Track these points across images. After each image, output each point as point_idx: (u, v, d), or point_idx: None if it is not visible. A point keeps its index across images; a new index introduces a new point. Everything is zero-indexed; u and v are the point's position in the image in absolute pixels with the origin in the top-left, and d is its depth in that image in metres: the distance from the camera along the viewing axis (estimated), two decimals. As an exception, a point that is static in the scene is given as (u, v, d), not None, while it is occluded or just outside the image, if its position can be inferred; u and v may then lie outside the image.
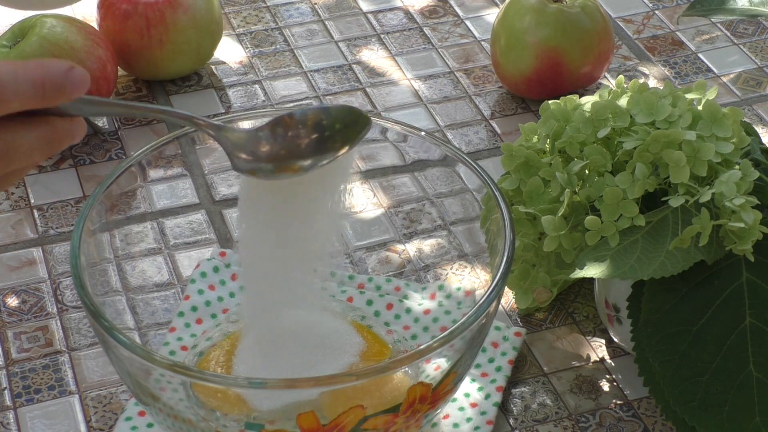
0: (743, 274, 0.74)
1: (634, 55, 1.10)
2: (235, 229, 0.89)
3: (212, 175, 0.90)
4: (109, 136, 1.01)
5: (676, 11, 1.16)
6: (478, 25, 1.15)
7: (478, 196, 0.77)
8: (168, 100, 1.05)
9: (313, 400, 0.66)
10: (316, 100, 1.05)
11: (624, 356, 0.82)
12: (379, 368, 0.65)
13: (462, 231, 0.82)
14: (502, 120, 1.03)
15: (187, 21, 1.02)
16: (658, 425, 0.78)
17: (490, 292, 0.68)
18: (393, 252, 0.85)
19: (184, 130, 0.78)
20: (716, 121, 0.75)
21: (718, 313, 0.73)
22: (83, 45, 0.97)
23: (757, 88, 1.07)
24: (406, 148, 0.81)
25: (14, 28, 0.98)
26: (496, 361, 0.80)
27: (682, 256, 0.72)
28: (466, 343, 0.68)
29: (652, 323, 0.73)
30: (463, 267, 0.82)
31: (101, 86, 0.98)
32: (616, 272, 0.72)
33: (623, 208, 0.74)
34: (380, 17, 1.15)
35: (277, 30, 1.14)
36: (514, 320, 0.85)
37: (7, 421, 0.77)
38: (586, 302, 0.86)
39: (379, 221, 0.86)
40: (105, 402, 0.79)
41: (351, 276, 0.84)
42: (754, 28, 1.14)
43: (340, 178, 0.69)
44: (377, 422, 0.66)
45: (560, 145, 0.78)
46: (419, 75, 1.08)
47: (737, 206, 0.71)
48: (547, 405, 0.79)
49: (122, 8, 1.02)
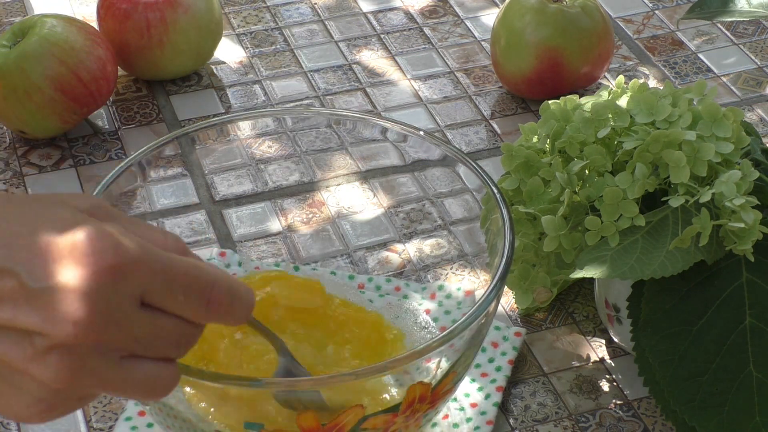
0: (743, 274, 0.74)
1: (634, 55, 1.10)
2: (235, 229, 0.89)
3: (212, 175, 0.90)
4: (109, 136, 1.01)
5: (676, 11, 1.16)
6: (478, 25, 1.15)
7: (478, 196, 0.77)
8: (168, 100, 1.05)
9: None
10: (316, 100, 1.05)
11: (624, 356, 0.82)
12: (379, 368, 0.65)
13: (462, 231, 0.82)
14: (502, 120, 1.03)
15: (187, 21, 1.02)
16: (658, 425, 0.78)
17: (489, 292, 0.68)
18: (393, 252, 0.85)
19: (184, 130, 0.78)
20: (716, 121, 0.75)
21: (718, 313, 0.73)
22: (83, 45, 0.97)
23: (757, 88, 1.07)
24: (406, 148, 0.81)
25: (14, 28, 0.98)
26: (496, 361, 0.80)
27: (682, 256, 0.72)
28: (465, 342, 0.68)
29: (652, 323, 0.73)
30: (463, 267, 0.82)
31: (101, 86, 0.98)
32: (616, 272, 0.72)
33: (623, 208, 0.74)
34: (380, 17, 1.15)
35: (277, 30, 1.14)
36: (514, 320, 0.85)
37: (7, 421, 0.77)
38: (586, 302, 0.86)
39: (379, 221, 0.86)
40: (105, 402, 0.79)
41: (351, 276, 0.84)
42: (754, 28, 1.14)
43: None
44: (377, 422, 0.66)
45: (560, 145, 0.78)
46: (419, 75, 1.08)
47: (737, 206, 0.71)
48: (547, 405, 0.79)
49: (122, 8, 1.02)
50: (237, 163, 0.88)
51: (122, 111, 1.04)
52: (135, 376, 0.54)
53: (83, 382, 0.53)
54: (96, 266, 0.52)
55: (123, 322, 0.53)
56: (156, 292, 0.54)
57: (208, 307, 0.56)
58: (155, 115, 1.03)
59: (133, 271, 0.53)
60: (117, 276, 0.52)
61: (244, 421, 0.67)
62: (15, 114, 0.96)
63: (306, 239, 0.86)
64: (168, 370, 0.56)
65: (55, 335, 0.51)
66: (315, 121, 0.82)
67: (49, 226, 0.53)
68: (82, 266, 0.52)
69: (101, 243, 0.52)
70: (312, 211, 0.87)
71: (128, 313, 0.53)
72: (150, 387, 0.55)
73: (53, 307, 0.51)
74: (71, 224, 0.53)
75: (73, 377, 0.52)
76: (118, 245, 0.52)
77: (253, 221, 0.89)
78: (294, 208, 0.87)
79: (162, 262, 0.54)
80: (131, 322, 0.53)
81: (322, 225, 0.87)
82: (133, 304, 0.53)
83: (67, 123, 0.98)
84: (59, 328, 0.51)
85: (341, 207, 0.86)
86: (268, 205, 0.89)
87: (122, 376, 0.54)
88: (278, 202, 0.89)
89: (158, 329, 0.54)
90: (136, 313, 0.53)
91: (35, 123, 0.97)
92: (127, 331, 0.53)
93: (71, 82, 0.96)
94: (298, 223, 0.87)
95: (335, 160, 0.85)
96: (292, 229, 0.87)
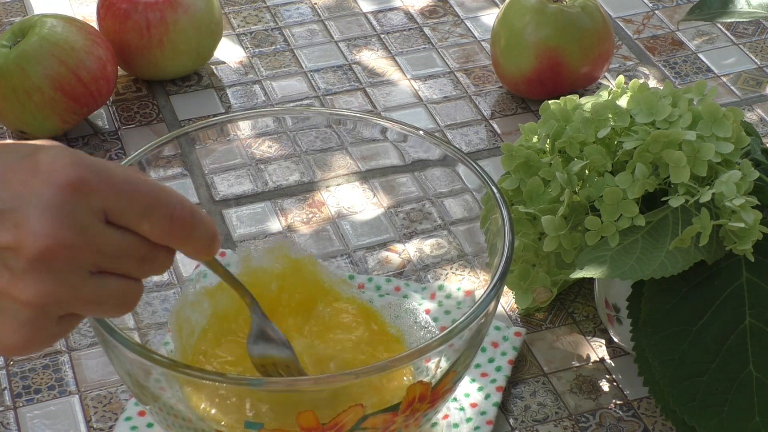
0: (743, 274, 0.74)
1: (634, 55, 1.10)
2: (235, 229, 0.89)
3: (212, 175, 0.90)
4: (109, 136, 1.01)
5: (676, 11, 1.16)
6: (478, 25, 1.15)
7: (478, 196, 0.77)
8: (168, 100, 1.05)
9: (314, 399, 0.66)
10: (316, 100, 1.05)
11: (624, 356, 0.82)
12: (379, 367, 0.65)
13: (462, 231, 0.82)
14: (502, 120, 1.03)
15: (187, 21, 1.02)
16: (658, 425, 0.78)
17: (489, 292, 0.68)
18: (393, 252, 0.85)
19: (184, 130, 0.78)
20: (716, 121, 0.75)
21: (718, 313, 0.73)
22: (83, 45, 0.97)
23: (757, 88, 1.07)
24: (406, 148, 0.81)
25: (14, 28, 0.98)
26: (496, 361, 0.80)
27: (682, 256, 0.72)
28: (465, 342, 0.68)
29: (652, 323, 0.73)
30: (463, 267, 0.82)
31: (101, 86, 0.98)
32: (616, 272, 0.72)
33: (623, 208, 0.74)
34: (380, 17, 1.15)
35: (277, 30, 1.14)
36: (514, 320, 0.85)
37: (7, 421, 0.77)
38: (586, 302, 0.86)
39: (379, 221, 0.86)
40: (105, 402, 0.79)
41: (351, 276, 0.84)
42: (754, 28, 1.14)
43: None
44: (376, 421, 0.66)
45: (560, 145, 0.78)
46: (419, 75, 1.08)
47: (737, 206, 0.71)
48: (547, 405, 0.79)
49: (122, 8, 1.02)
50: (237, 163, 0.88)
51: (122, 111, 1.04)
52: (106, 290, 0.57)
53: (60, 296, 0.56)
54: (59, 181, 0.55)
55: (89, 234, 0.55)
56: (119, 210, 0.56)
57: (170, 224, 0.58)
58: (155, 115, 1.03)
59: (96, 186, 0.55)
60: (80, 190, 0.55)
61: (244, 420, 0.67)
62: (15, 114, 0.96)
63: (306, 239, 0.86)
64: (135, 285, 0.59)
65: (28, 250, 0.54)
66: (315, 121, 0.82)
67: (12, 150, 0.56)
68: (46, 184, 0.55)
69: (62, 160, 0.55)
70: (312, 211, 0.87)
71: (94, 227, 0.56)
72: (120, 300, 0.58)
73: (23, 223, 0.54)
74: (33, 148, 0.56)
75: (50, 292, 0.55)
76: (80, 162, 0.55)
77: (253, 221, 0.89)
78: (294, 208, 0.87)
79: (126, 180, 0.56)
80: (97, 236, 0.56)
81: (322, 225, 0.87)
82: (97, 219, 0.56)
83: (67, 123, 0.98)
84: (31, 243, 0.54)
85: (341, 207, 0.86)
86: (268, 205, 0.89)
87: (94, 290, 0.57)
88: (278, 202, 0.89)
89: (124, 245, 0.57)
90: (101, 227, 0.56)
91: (35, 123, 0.97)
92: (94, 244, 0.56)
93: (71, 82, 0.96)
94: (298, 223, 0.87)
95: (335, 160, 0.85)
96: (292, 229, 0.87)
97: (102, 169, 0.56)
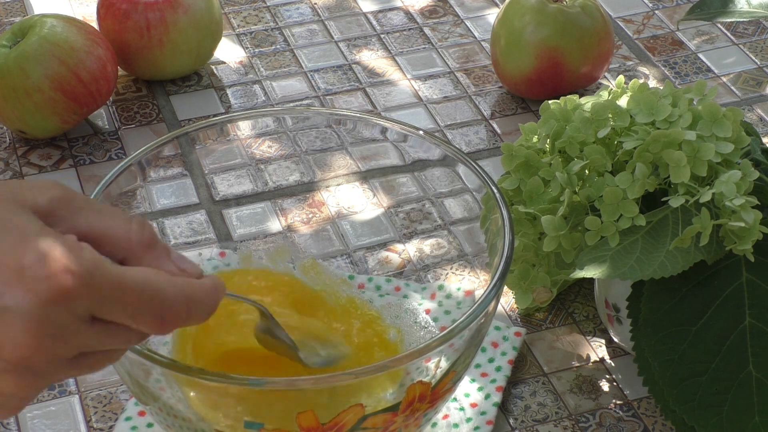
0: (743, 274, 0.74)
1: (634, 55, 1.10)
2: (235, 229, 0.89)
3: (212, 175, 0.90)
4: (109, 136, 1.01)
5: (676, 11, 1.16)
6: (478, 25, 1.15)
7: (478, 196, 0.77)
8: (168, 100, 1.05)
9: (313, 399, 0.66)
10: (316, 100, 1.05)
11: (624, 356, 0.82)
12: (379, 367, 0.65)
13: (462, 231, 0.82)
14: (502, 120, 1.03)
15: (187, 21, 1.02)
16: (657, 425, 0.78)
17: (489, 292, 0.68)
18: (393, 252, 0.85)
19: (184, 130, 0.78)
20: (716, 121, 0.75)
21: (718, 313, 0.73)
22: (83, 45, 0.97)
23: (757, 88, 1.07)
24: (406, 148, 0.81)
25: (14, 28, 0.98)
26: (496, 361, 0.80)
27: (682, 256, 0.72)
28: (465, 342, 0.68)
29: (652, 323, 0.73)
30: (463, 267, 0.82)
31: (101, 86, 0.98)
32: (616, 272, 0.72)
33: (623, 208, 0.74)
34: (380, 17, 1.16)
35: (277, 30, 1.14)
36: (514, 320, 0.85)
37: (7, 420, 0.77)
38: (586, 302, 0.86)
39: (379, 221, 0.86)
40: (105, 402, 0.79)
41: (351, 276, 0.84)
42: (754, 28, 1.14)
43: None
44: (376, 421, 0.66)
45: (560, 145, 0.78)
46: (419, 75, 1.08)
47: (737, 206, 0.71)
48: (547, 405, 0.79)
49: (122, 8, 1.02)
50: (237, 163, 0.88)
51: (122, 111, 1.04)
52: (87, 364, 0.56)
53: (41, 385, 0.55)
54: (44, 293, 0.52)
55: (72, 339, 0.54)
56: (106, 311, 0.55)
57: (162, 324, 0.56)
58: (155, 115, 1.03)
59: (81, 294, 0.53)
60: (64, 301, 0.53)
61: (244, 420, 0.67)
62: (15, 114, 0.96)
63: (306, 239, 0.86)
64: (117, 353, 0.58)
65: (8, 354, 0.53)
66: (315, 121, 0.82)
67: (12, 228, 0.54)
68: (30, 292, 0.52)
69: (49, 268, 0.53)
70: (312, 211, 0.87)
71: (77, 331, 0.54)
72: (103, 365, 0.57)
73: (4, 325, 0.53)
74: (21, 241, 0.53)
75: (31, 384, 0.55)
76: (65, 271, 0.53)
77: (253, 221, 0.89)
78: (294, 208, 0.87)
79: (112, 283, 0.54)
80: (80, 338, 0.54)
81: (322, 225, 0.87)
82: (82, 323, 0.54)
83: (67, 123, 0.98)
84: (11, 349, 0.53)
85: (341, 207, 0.86)
86: (268, 205, 0.89)
87: (77, 370, 0.56)
88: (278, 202, 0.89)
89: (110, 338, 0.56)
90: (85, 329, 0.54)
91: (35, 123, 0.97)
92: (76, 344, 0.54)
93: (71, 82, 0.96)
94: (298, 223, 0.87)
95: (335, 160, 0.85)
96: (292, 229, 0.87)
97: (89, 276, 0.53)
